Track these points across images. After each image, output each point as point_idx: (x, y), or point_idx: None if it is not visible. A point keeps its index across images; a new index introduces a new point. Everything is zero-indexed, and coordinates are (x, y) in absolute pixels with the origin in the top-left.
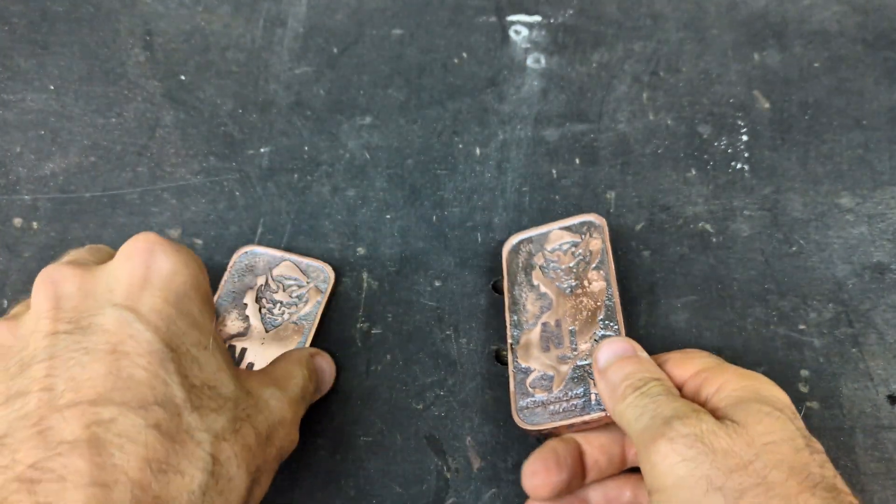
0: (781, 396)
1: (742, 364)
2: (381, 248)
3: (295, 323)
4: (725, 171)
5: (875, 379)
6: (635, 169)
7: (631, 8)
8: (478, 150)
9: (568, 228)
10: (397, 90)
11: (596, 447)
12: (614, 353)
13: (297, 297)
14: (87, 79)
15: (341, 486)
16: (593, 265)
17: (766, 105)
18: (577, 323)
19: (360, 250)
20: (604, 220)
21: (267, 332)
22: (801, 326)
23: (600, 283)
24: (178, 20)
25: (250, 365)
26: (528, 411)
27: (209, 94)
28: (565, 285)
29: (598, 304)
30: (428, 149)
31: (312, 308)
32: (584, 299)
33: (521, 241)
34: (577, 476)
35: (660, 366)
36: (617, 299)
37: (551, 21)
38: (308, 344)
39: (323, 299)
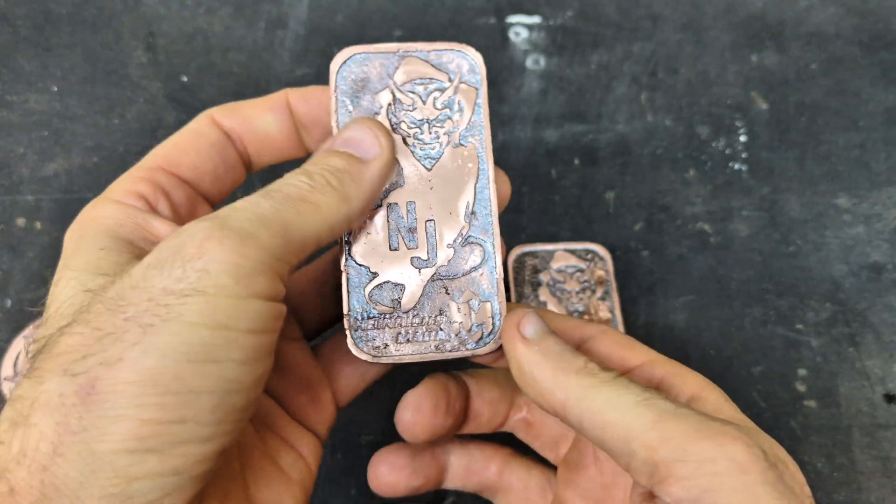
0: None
1: (740, 363)
2: None
3: (461, 144)
4: (724, 171)
5: (872, 378)
6: (634, 169)
7: (630, 9)
8: None
9: (573, 252)
10: None
11: (486, 400)
12: (542, 327)
13: (446, 105)
14: (90, 80)
15: (341, 486)
16: (598, 295)
17: (764, 106)
18: None
19: None
20: (608, 253)
21: (429, 169)
22: (799, 326)
23: (606, 314)
24: (180, 22)
25: (431, 235)
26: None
27: (211, 95)
28: (573, 309)
29: None
30: None
31: (473, 115)
32: None
33: (525, 254)
34: (458, 426)
35: (579, 347)
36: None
37: (550, 22)
38: (490, 174)
39: (482, 98)
